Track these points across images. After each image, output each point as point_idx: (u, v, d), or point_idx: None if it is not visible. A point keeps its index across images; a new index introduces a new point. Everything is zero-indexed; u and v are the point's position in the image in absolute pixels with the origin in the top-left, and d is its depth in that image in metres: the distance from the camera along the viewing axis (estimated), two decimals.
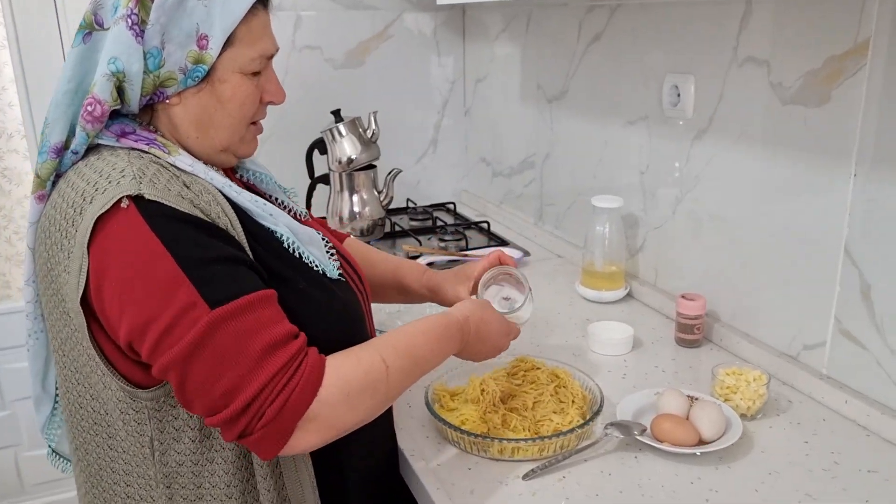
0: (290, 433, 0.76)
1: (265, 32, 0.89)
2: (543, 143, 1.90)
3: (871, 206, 1.05)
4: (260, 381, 0.73)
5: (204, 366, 0.73)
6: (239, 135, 0.91)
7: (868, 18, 1.02)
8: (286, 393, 0.74)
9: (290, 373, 0.75)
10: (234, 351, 0.74)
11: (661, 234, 1.50)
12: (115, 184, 0.77)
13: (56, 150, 0.84)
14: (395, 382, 0.85)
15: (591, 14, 1.63)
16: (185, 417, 0.83)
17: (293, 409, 0.75)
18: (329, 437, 0.80)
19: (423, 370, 0.91)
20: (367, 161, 1.83)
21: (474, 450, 1.03)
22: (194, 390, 0.75)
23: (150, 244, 0.75)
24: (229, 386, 0.73)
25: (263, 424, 0.74)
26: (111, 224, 0.76)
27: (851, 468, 0.99)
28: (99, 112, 0.81)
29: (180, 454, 0.84)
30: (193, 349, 0.73)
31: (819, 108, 1.11)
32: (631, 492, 0.95)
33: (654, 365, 1.29)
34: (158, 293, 0.74)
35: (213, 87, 0.86)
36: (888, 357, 1.06)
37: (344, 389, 0.79)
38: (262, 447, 0.77)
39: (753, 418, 1.11)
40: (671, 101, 1.40)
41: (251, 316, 0.76)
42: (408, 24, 2.19)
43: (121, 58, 0.80)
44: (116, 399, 0.82)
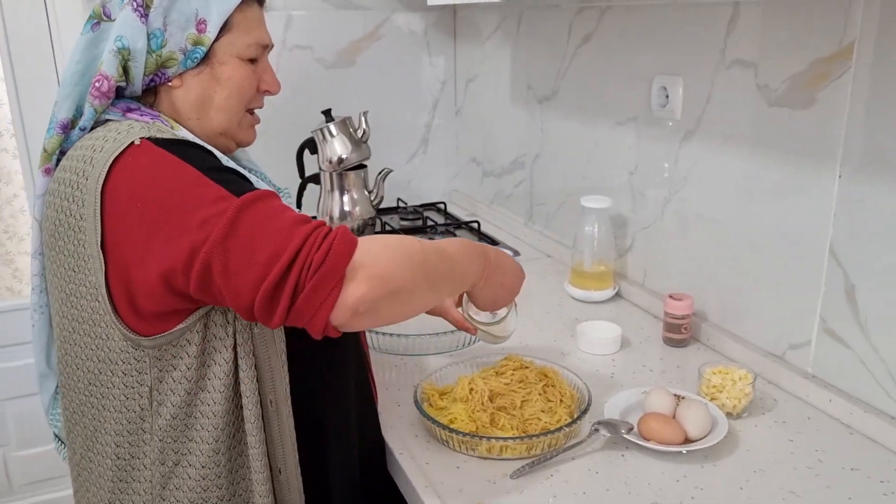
0: (341, 280, 0.77)
1: (260, 24, 0.98)
2: (534, 143, 1.91)
3: (856, 207, 1.07)
4: (299, 237, 0.76)
5: (243, 242, 0.76)
6: (237, 119, 0.98)
7: (853, 22, 1.03)
8: (328, 242, 0.77)
9: (324, 231, 0.78)
10: (266, 225, 0.77)
11: (650, 234, 1.51)
12: (126, 132, 0.85)
13: (62, 126, 0.90)
14: (431, 258, 0.86)
15: (581, 15, 1.64)
16: (184, 369, 0.86)
17: (340, 252, 0.77)
18: (380, 291, 0.79)
19: (455, 265, 0.92)
20: (358, 161, 1.84)
21: (463, 448, 1.03)
22: (238, 268, 0.76)
23: (169, 160, 0.81)
24: (271, 251, 0.76)
25: (313, 272, 0.75)
26: (126, 159, 0.82)
27: (835, 466, 1.00)
28: (106, 87, 0.88)
29: (174, 406, 0.87)
30: (230, 230, 0.76)
31: (805, 111, 1.12)
32: (617, 489, 0.96)
33: (642, 364, 1.30)
34: (189, 196, 0.79)
35: (212, 69, 0.94)
36: (872, 356, 1.07)
37: (381, 242, 0.81)
38: (314, 303, 0.76)
39: (739, 417, 1.12)
40: (660, 102, 1.41)
41: (274, 201, 0.81)
42: (398, 25, 2.20)
43: (126, 36, 0.88)
44: (119, 349, 0.85)
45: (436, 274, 0.87)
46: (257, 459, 0.89)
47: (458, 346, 1.34)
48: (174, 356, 0.86)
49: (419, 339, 1.32)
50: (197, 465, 0.88)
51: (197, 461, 0.88)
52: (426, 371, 1.20)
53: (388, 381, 1.25)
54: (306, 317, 0.78)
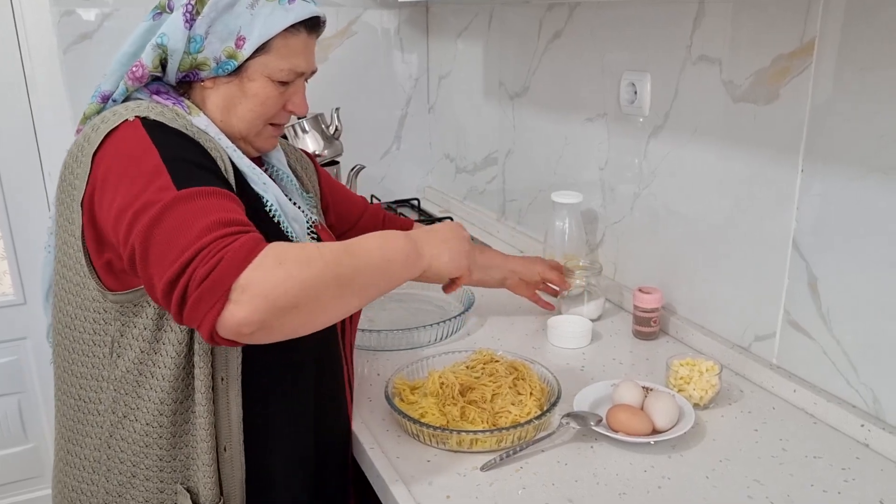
0: (224, 297, 0.75)
1: (303, 52, 1.00)
2: (506, 139, 1.92)
3: (818, 200, 1.09)
4: (199, 245, 0.77)
5: (162, 235, 0.79)
6: (256, 129, 1.02)
7: (813, 19, 1.05)
8: (221, 255, 0.76)
9: (229, 241, 0.77)
10: (189, 223, 0.79)
11: (620, 228, 1.53)
12: (131, 110, 0.91)
13: (103, 97, 0.98)
14: (332, 259, 0.82)
15: (552, 12, 1.65)
16: (141, 327, 0.91)
17: (226, 268, 0.75)
18: (261, 310, 0.76)
19: (369, 257, 0.87)
20: (331, 157, 1.83)
21: (433, 442, 1.04)
22: (154, 258, 0.79)
23: (144, 144, 0.86)
24: (176, 252, 0.77)
25: (197, 284, 0.75)
26: (117, 133, 0.89)
27: (798, 454, 1.02)
28: (140, 73, 0.95)
29: (129, 361, 0.92)
30: (156, 221, 0.79)
31: (768, 106, 1.14)
32: (586, 480, 0.97)
33: (612, 357, 1.31)
34: (142, 181, 0.83)
35: (241, 82, 0.98)
36: (834, 347, 1.09)
37: (277, 258, 0.78)
38: (197, 314, 0.76)
39: (706, 408, 1.14)
40: (628, 98, 1.43)
41: (212, 200, 0.81)
42: (371, 21, 2.19)
43: (168, 35, 0.94)
44: (91, 298, 0.92)
45: (343, 277, 0.83)
46: (203, 430, 0.92)
47: (431, 342, 1.35)
48: (135, 314, 0.91)
49: (391, 334, 1.32)
50: (142, 421, 0.93)
51: (142, 417, 0.93)
52: (397, 365, 1.20)
53: (359, 376, 1.25)
54: (193, 324, 0.78)
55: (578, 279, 1.44)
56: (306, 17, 0.97)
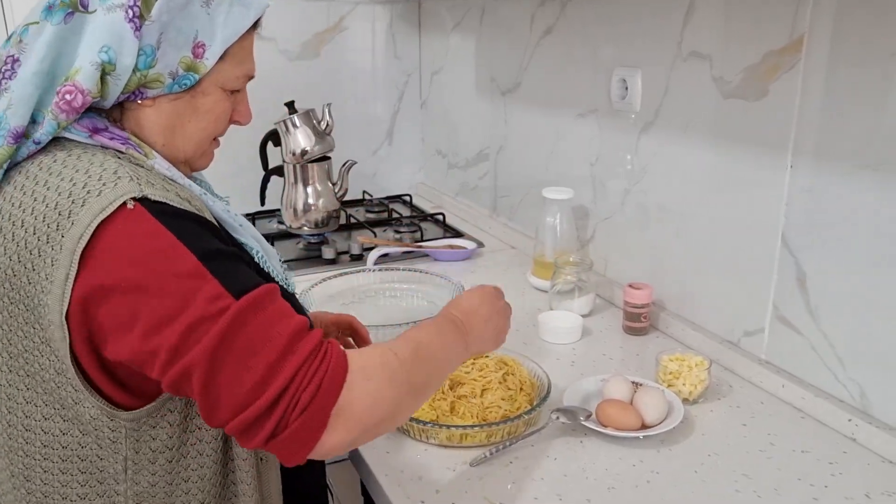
0: (325, 423, 0.70)
1: (251, 54, 0.88)
2: (497, 135, 1.92)
3: (806, 196, 1.09)
4: (291, 368, 0.69)
5: (234, 357, 0.68)
6: (203, 148, 0.89)
7: (803, 15, 1.05)
8: (318, 377, 0.70)
9: (318, 358, 0.71)
10: (263, 340, 0.70)
11: (611, 224, 1.53)
12: (112, 185, 0.72)
13: (15, 135, 0.76)
14: (410, 370, 0.79)
15: (543, 7, 1.65)
16: (164, 438, 0.80)
17: (326, 394, 0.70)
18: (360, 432, 0.73)
19: (436, 361, 0.85)
20: (322, 153, 1.83)
21: (423, 437, 1.04)
22: (224, 385, 0.68)
23: (166, 240, 0.71)
24: (260, 376, 0.68)
25: (300, 412, 0.69)
26: (116, 226, 0.71)
27: (786, 449, 1.03)
28: (79, 102, 0.75)
29: (154, 475, 0.81)
30: (224, 340, 0.68)
31: (758, 102, 1.15)
32: (575, 475, 0.98)
33: (602, 353, 1.32)
34: (183, 288, 0.69)
35: (192, 98, 0.83)
36: (822, 342, 1.10)
37: (365, 375, 0.74)
38: (295, 444, 0.70)
39: (695, 403, 1.14)
40: (619, 94, 1.43)
41: (272, 307, 0.72)
42: (363, 16, 2.19)
43: (114, 47, 0.75)
44: (90, 416, 0.77)
45: (419, 386, 0.81)
46: None
47: None
48: (153, 426, 0.79)
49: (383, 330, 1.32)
50: None
51: None
52: None
53: None
54: (282, 453, 0.71)
55: (569, 275, 1.44)
56: (263, 10, 0.86)
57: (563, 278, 1.45)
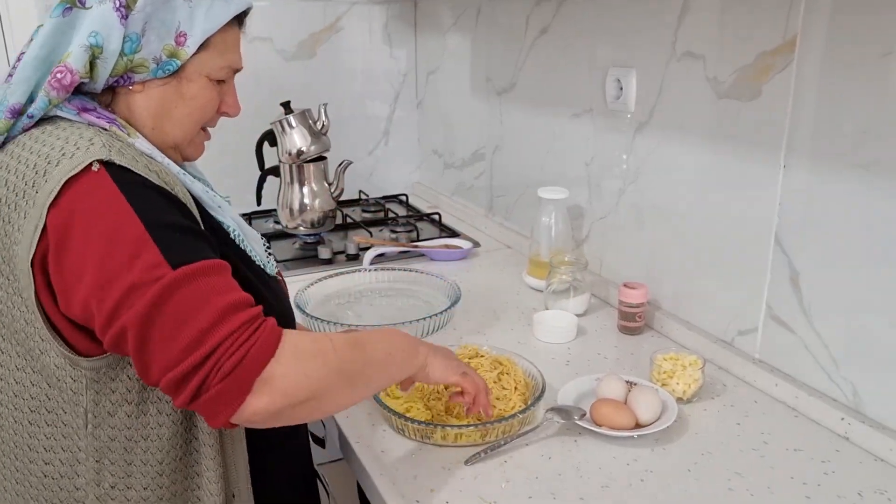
0: (248, 391, 0.74)
1: (235, 47, 0.95)
2: (493, 135, 1.93)
3: (799, 196, 1.10)
4: (221, 334, 0.73)
5: (165, 322, 0.73)
6: (191, 135, 0.95)
7: (795, 15, 1.06)
8: (246, 347, 0.74)
9: (250, 330, 0.75)
10: (195, 308, 0.74)
11: (606, 224, 1.54)
12: (85, 150, 0.79)
13: (13, 111, 0.85)
14: (344, 356, 0.83)
15: (539, 7, 1.65)
16: (123, 391, 0.83)
17: (252, 363, 0.74)
18: (283, 404, 0.77)
19: (374, 355, 0.89)
20: (318, 153, 1.83)
21: (418, 436, 1.04)
22: (154, 348, 0.73)
23: (118, 205, 0.77)
24: (189, 340, 0.73)
25: (221, 378, 0.73)
26: (80, 185, 0.77)
27: (779, 447, 1.04)
28: (68, 81, 0.83)
29: (113, 428, 0.84)
30: (156, 306, 0.73)
31: (751, 102, 1.15)
32: (569, 474, 0.98)
33: (597, 352, 1.32)
34: (124, 252, 0.75)
35: (178, 84, 0.90)
36: (815, 341, 1.10)
37: (295, 352, 0.78)
38: (216, 406, 0.74)
39: (689, 402, 1.15)
40: (614, 94, 1.44)
41: (213, 279, 0.77)
42: (359, 16, 2.19)
43: (101, 33, 0.83)
44: (54, 366, 0.82)
45: (352, 373, 0.84)
46: (213, 483, 0.87)
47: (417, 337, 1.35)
48: (112, 378, 0.83)
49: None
50: (138, 488, 0.86)
51: (138, 483, 0.86)
52: None
53: None
54: (204, 414, 0.76)
55: (564, 274, 1.45)
56: (245, 7, 0.93)
57: (559, 278, 1.45)
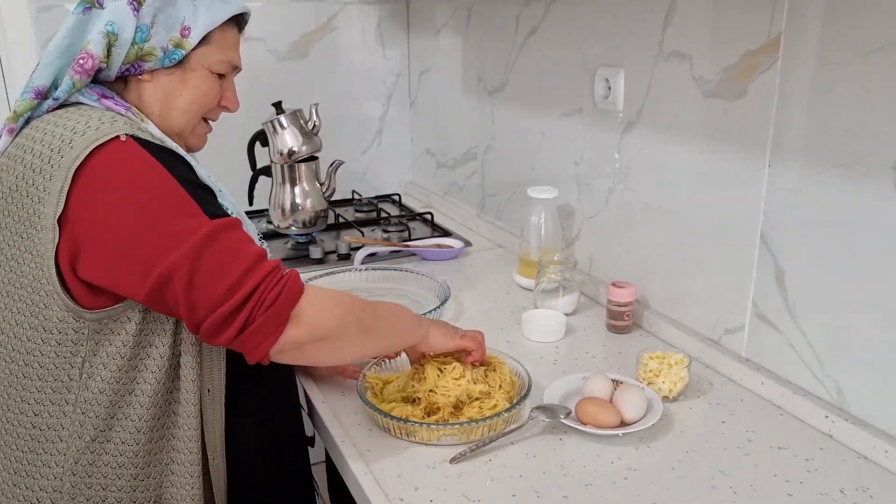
0: (286, 321, 0.86)
1: (234, 47, 1.06)
2: (485, 134, 1.93)
3: (784, 195, 1.10)
4: (260, 275, 0.85)
5: (210, 265, 0.83)
6: (193, 124, 1.05)
7: (779, 15, 1.06)
8: (281, 284, 0.86)
9: (281, 273, 0.88)
10: (233, 253, 0.85)
11: (595, 223, 1.54)
12: (110, 124, 0.88)
13: (37, 93, 0.94)
14: (360, 307, 0.97)
15: (529, 7, 1.65)
16: (119, 345, 0.90)
17: (288, 297, 0.86)
18: (309, 336, 0.89)
19: (384, 315, 1.02)
20: (309, 153, 1.83)
21: (403, 435, 1.05)
22: (200, 288, 0.82)
23: (151, 164, 0.86)
24: (233, 280, 0.83)
25: (265, 310, 0.84)
26: (109, 151, 0.86)
27: (763, 445, 1.04)
28: (90, 65, 0.92)
29: (104, 381, 0.91)
30: (201, 249, 0.83)
31: (736, 102, 1.15)
32: (553, 472, 0.98)
33: (585, 351, 1.32)
34: (165, 203, 0.84)
35: (183, 73, 1.00)
36: (800, 339, 1.11)
37: (319, 294, 0.92)
38: (259, 337, 0.85)
39: (675, 400, 1.15)
40: (603, 93, 1.44)
41: (241, 232, 0.89)
42: (352, 16, 2.19)
43: (117, 23, 0.93)
44: (57, 319, 0.88)
45: (366, 322, 0.97)
46: (192, 442, 0.93)
47: None
48: (112, 331, 0.90)
49: None
50: (115, 441, 0.91)
51: (116, 437, 0.91)
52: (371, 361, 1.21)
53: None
54: (248, 347, 0.86)
55: (553, 273, 1.45)
56: (242, 10, 1.04)
57: (548, 277, 1.45)
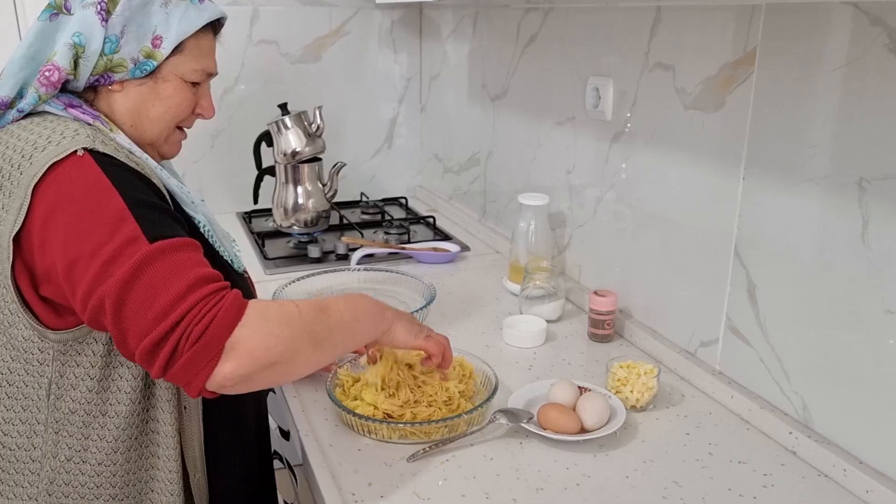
0: (218, 356, 0.78)
1: (209, 53, 1.02)
2: (487, 140, 1.94)
3: (757, 209, 1.10)
4: (189, 302, 0.78)
5: (140, 292, 0.77)
6: (167, 133, 1.02)
7: (755, 28, 1.06)
8: (213, 313, 0.78)
9: (216, 299, 0.80)
10: (167, 279, 0.78)
11: (584, 232, 1.54)
12: (70, 138, 0.85)
13: (1, 104, 0.91)
14: (310, 319, 0.86)
15: (529, 16, 1.67)
16: (87, 366, 0.88)
17: (219, 328, 0.78)
18: (252, 367, 0.80)
19: (340, 318, 0.92)
20: (312, 154, 1.87)
21: (364, 431, 1.07)
22: (129, 316, 0.77)
23: (101, 184, 0.82)
24: (160, 308, 0.77)
25: (191, 343, 0.76)
26: (65, 168, 0.83)
27: (724, 459, 1.03)
28: (56, 78, 0.90)
29: (74, 401, 0.88)
30: (132, 276, 0.77)
31: (714, 114, 1.15)
32: (507, 475, 0.99)
33: (563, 358, 1.33)
34: (106, 226, 0.80)
35: (155, 84, 0.97)
36: (769, 354, 1.10)
37: (262, 317, 0.82)
38: (189, 373, 0.77)
39: (643, 410, 1.15)
40: (593, 102, 1.44)
41: (186, 254, 0.82)
42: (364, 21, 2.23)
43: (84, 34, 0.90)
44: (22, 338, 0.87)
45: (319, 336, 0.87)
46: (170, 461, 0.91)
47: None
48: (78, 352, 0.88)
49: None
50: (92, 462, 0.89)
51: (93, 458, 0.89)
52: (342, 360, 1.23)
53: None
54: (180, 382, 0.80)
55: (538, 280, 1.46)
56: (217, 16, 1.00)
57: (533, 283, 1.46)
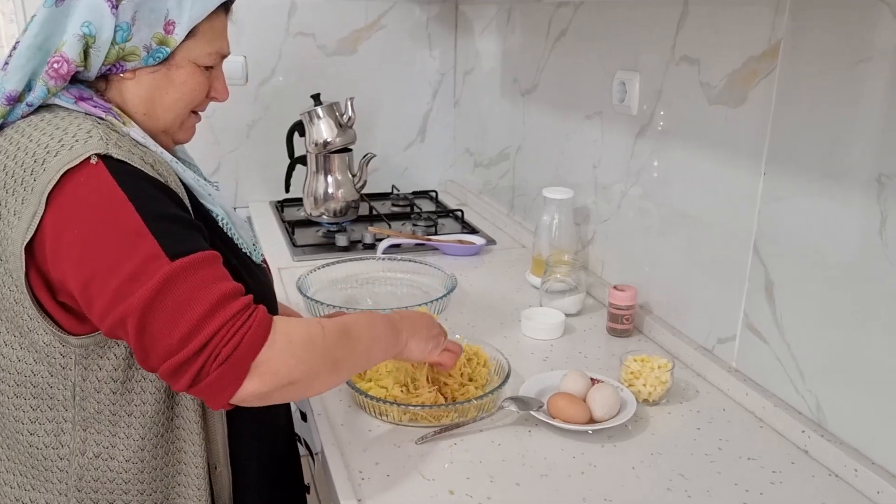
0: (244, 375, 0.79)
1: (222, 34, 0.98)
2: (517, 135, 1.95)
3: (777, 205, 1.08)
4: (217, 323, 0.77)
5: (163, 312, 0.77)
6: (181, 119, 0.98)
7: (780, 20, 1.05)
8: (241, 335, 0.78)
9: (243, 318, 0.79)
10: (192, 298, 0.78)
11: (608, 226, 1.54)
12: (83, 142, 0.82)
13: (9, 98, 0.88)
14: (332, 343, 0.87)
15: (560, 10, 1.67)
16: (110, 369, 0.88)
17: (247, 349, 0.78)
18: (273, 386, 0.81)
19: (359, 344, 0.92)
20: (343, 144, 1.90)
21: (376, 413, 1.09)
22: (154, 335, 0.77)
23: (116, 198, 0.80)
24: (187, 330, 0.77)
25: (220, 364, 0.77)
26: (79, 176, 0.80)
27: (733, 455, 1.03)
28: (65, 70, 0.86)
29: (99, 403, 0.89)
30: (154, 297, 0.77)
31: (737, 108, 1.14)
32: (512, 461, 1.00)
33: (579, 351, 1.33)
34: (124, 243, 0.78)
35: (168, 70, 0.93)
36: (785, 352, 1.09)
37: (287, 338, 0.82)
38: (214, 390, 0.78)
39: (656, 404, 1.15)
40: (619, 97, 1.44)
41: (206, 270, 0.81)
42: (400, 15, 2.25)
43: (94, 23, 0.86)
44: (43, 343, 0.86)
45: (338, 360, 0.88)
46: (196, 456, 0.93)
47: None
48: (100, 356, 0.87)
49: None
50: (120, 459, 0.90)
51: (121, 454, 0.90)
52: None
53: None
54: (204, 397, 0.81)
55: (559, 273, 1.46)
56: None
57: (554, 277, 1.46)
